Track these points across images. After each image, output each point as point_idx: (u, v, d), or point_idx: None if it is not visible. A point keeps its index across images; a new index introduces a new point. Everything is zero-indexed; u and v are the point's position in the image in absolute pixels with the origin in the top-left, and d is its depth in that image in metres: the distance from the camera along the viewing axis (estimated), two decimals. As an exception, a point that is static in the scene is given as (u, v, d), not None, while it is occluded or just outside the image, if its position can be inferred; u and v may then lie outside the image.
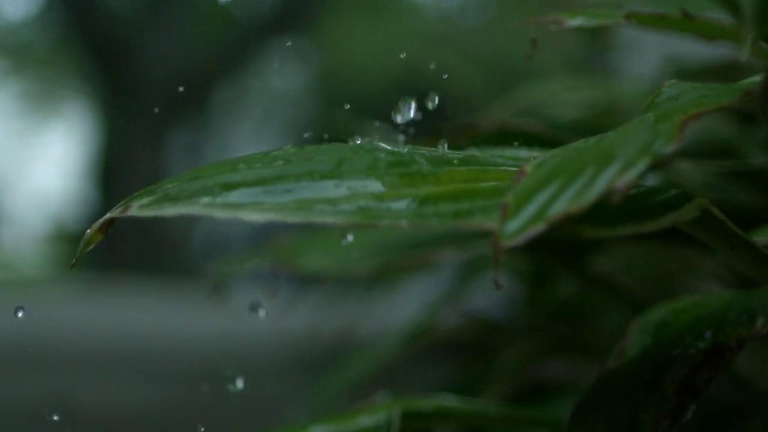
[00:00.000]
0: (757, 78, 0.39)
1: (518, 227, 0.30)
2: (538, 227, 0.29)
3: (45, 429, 1.24)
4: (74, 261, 0.34)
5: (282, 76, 7.36)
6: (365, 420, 0.49)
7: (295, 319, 1.14)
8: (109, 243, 0.36)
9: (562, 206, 0.30)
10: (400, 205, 0.32)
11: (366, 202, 0.32)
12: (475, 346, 0.94)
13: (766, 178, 0.60)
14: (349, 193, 0.33)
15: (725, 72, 0.69)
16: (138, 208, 0.33)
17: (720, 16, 0.47)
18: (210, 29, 6.60)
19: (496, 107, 0.79)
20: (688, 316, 0.43)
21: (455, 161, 0.36)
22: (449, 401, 0.51)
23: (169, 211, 0.32)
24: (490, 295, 1.01)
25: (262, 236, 0.53)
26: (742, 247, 0.38)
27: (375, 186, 0.33)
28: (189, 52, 6.22)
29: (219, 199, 0.32)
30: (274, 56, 6.86)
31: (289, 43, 6.91)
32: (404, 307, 1.00)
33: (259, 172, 0.33)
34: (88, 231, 0.34)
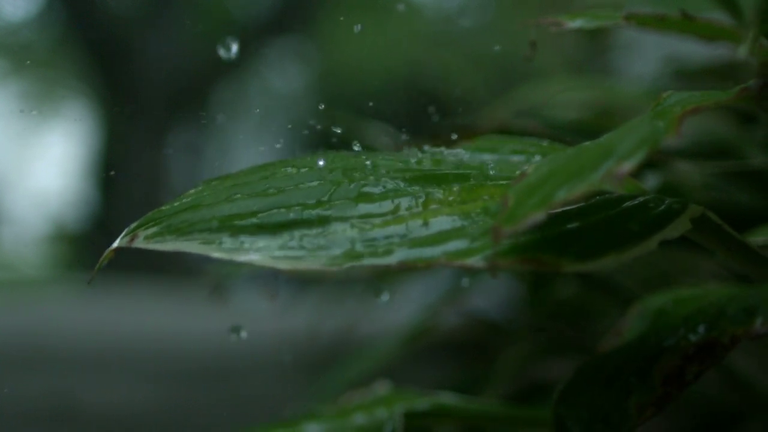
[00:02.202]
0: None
1: (519, 215, 0.30)
2: (539, 214, 0.30)
3: (45, 429, 1.24)
4: (90, 278, 0.37)
5: (282, 76, 7.36)
6: (361, 417, 0.49)
7: (295, 319, 1.14)
8: (109, 243, 0.37)
9: (562, 195, 0.30)
10: (389, 242, 0.33)
11: (354, 244, 0.33)
12: (475, 346, 0.94)
13: (766, 178, 0.60)
14: (339, 229, 0.34)
15: (725, 72, 0.69)
16: (144, 239, 0.36)
17: (720, 17, 0.47)
18: (210, 29, 6.60)
19: (496, 107, 0.79)
20: (688, 306, 0.43)
21: (448, 178, 0.37)
22: (447, 399, 0.51)
23: (170, 246, 0.35)
24: (490, 295, 1.01)
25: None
26: (738, 250, 0.38)
27: (364, 213, 0.35)
28: (189, 53, 6.22)
29: (215, 237, 0.34)
30: (274, 56, 6.86)
31: (289, 43, 6.91)
32: (404, 307, 1.00)
33: (253, 203, 0.35)
34: (102, 256, 0.37)
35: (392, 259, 0.33)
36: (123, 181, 5.96)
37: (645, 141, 0.31)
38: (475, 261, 0.32)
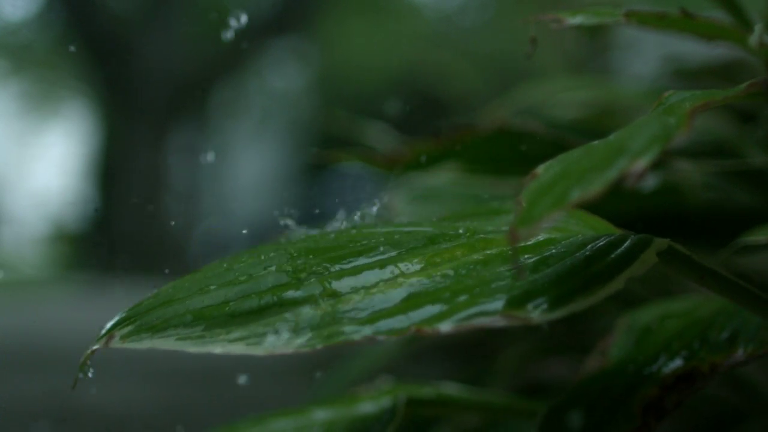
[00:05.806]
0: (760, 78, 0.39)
1: (535, 216, 0.30)
2: (556, 213, 0.29)
3: (45, 429, 1.24)
4: (73, 384, 0.37)
5: (282, 76, 7.35)
6: (367, 406, 0.49)
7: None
8: (109, 243, 0.37)
9: (576, 194, 0.30)
10: (360, 317, 0.34)
11: (325, 324, 0.34)
12: (476, 346, 0.94)
13: (766, 178, 0.60)
14: (309, 310, 0.34)
15: (725, 72, 0.69)
16: (120, 338, 0.36)
17: (720, 16, 0.47)
18: (209, 29, 6.60)
19: (496, 107, 0.79)
20: (673, 324, 0.43)
21: (412, 243, 0.37)
22: (451, 389, 0.52)
23: (146, 344, 0.35)
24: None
25: (262, 236, 0.53)
26: (710, 277, 0.37)
27: (333, 291, 0.35)
28: (189, 52, 6.22)
29: (190, 332, 0.34)
30: (274, 56, 6.85)
31: (290, 43, 6.91)
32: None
33: (224, 293, 0.35)
34: (83, 358, 0.37)
35: (364, 334, 0.33)
36: (123, 181, 5.96)
37: (657, 137, 0.31)
38: (446, 325, 0.33)
